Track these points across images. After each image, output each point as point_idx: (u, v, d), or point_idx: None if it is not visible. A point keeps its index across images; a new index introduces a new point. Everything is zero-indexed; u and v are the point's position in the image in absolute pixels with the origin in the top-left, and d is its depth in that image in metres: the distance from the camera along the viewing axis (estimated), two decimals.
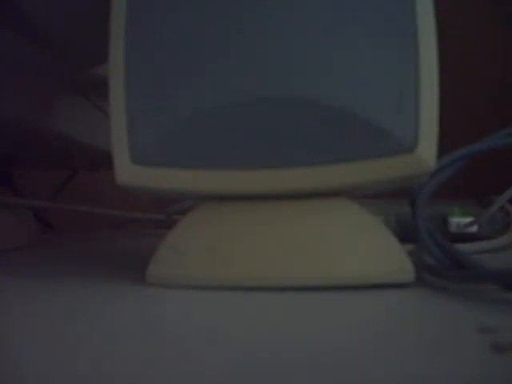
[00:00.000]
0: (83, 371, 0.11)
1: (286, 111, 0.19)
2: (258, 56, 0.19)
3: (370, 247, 0.19)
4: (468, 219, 0.32)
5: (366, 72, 0.18)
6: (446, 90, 0.21)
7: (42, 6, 0.24)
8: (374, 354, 0.12)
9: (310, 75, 0.19)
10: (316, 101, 0.18)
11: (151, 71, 0.19)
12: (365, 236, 0.19)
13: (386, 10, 0.18)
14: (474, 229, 0.32)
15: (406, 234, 0.23)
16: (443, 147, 0.20)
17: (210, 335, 0.13)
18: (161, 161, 0.19)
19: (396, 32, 0.18)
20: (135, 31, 0.20)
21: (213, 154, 0.19)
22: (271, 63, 0.19)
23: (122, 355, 0.12)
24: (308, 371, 0.11)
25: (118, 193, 0.32)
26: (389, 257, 0.19)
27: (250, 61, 0.19)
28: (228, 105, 0.19)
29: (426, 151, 0.18)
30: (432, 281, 0.20)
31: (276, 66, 0.19)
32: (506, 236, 0.30)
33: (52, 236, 0.44)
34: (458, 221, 0.32)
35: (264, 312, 0.16)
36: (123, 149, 0.20)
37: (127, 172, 0.20)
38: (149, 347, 0.12)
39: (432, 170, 0.19)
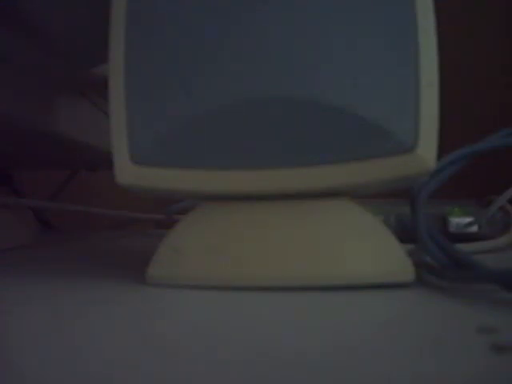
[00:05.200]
0: (83, 371, 0.11)
1: (285, 111, 0.19)
2: (258, 56, 0.19)
3: (370, 247, 0.19)
4: (468, 219, 0.32)
5: (365, 72, 0.18)
6: (446, 90, 0.21)
7: (42, 6, 0.24)
8: (374, 353, 0.12)
9: (309, 75, 0.19)
10: (316, 101, 0.18)
11: (151, 71, 0.19)
12: (365, 236, 0.19)
13: (386, 10, 0.18)
14: (474, 229, 0.32)
15: (405, 233, 0.23)
16: (443, 147, 0.20)
17: (209, 335, 0.13)
18: (161, 161, 0.19)
19: (396, 32, 0.18)
20: (135, 31, 0.20)
21: (213, 154, 0.19)
22: (271, 63, 0.19)
23: (122, 355, 0.12)
24: (308, 371, 0.11)
25: (118, 193, 0.32)
26: (389, 257, 0.19)
27: (250, 61, 0.19)
28: (228, 105, 0.19)
29: (426, 151, 0.18)
30: (432, 281, 0.20)
31: (276, 66, 0.19)
32: (505, 236, 0.30)
33: (52, 236, 0.44)
34: (458, 221, 0.32)
35: (264, 312, 0.16)
36: (123, 149, 0.20)
37: (127, 172, 0.20)
38: (149, 347, 0.12)
39: (432, 170, 0.19)
